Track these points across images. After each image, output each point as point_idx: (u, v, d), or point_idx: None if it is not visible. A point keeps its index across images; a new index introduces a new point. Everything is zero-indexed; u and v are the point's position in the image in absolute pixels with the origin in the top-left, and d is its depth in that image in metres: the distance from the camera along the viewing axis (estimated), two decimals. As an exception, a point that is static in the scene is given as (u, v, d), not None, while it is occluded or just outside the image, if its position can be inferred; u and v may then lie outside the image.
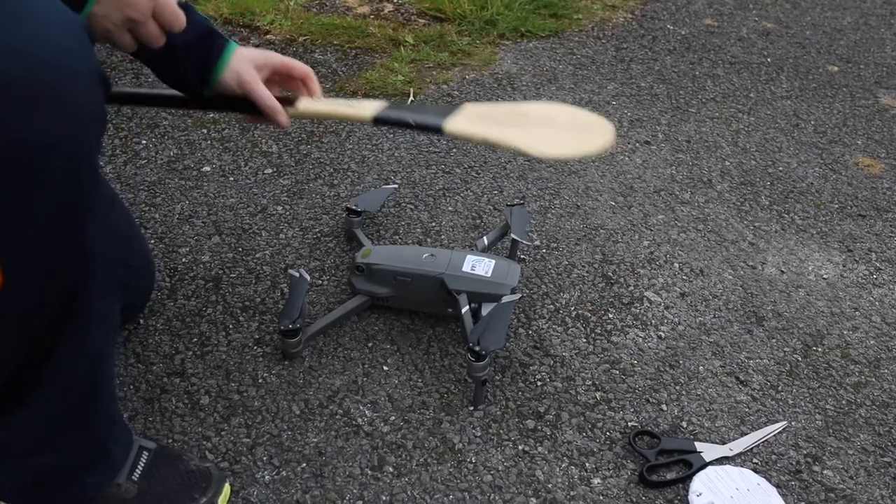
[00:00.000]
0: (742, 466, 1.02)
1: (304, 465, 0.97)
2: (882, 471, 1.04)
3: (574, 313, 1.24)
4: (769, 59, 2.17)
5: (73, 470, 0.80)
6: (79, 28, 0.63)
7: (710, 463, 1.01)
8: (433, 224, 1.40)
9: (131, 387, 1.05)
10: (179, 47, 0.95)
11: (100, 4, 0.75)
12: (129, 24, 0.79)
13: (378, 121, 1.00)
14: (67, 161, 0.61)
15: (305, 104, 1.01)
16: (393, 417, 1.04)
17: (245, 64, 0.99)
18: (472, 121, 0.99)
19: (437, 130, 0.98)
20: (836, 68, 2.15)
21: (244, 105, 0.98)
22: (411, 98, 1.78)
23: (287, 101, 1.01)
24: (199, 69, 0.98)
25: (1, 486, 0.79)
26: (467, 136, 0.97)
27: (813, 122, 1.87)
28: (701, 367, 1.16)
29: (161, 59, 0.97)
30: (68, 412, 0.75)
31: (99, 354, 0.76)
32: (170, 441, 0.98)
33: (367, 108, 1.01)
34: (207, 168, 1.50)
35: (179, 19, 0.83)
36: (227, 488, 0.91)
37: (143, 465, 0.86)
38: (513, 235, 1.23)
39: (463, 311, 1.10)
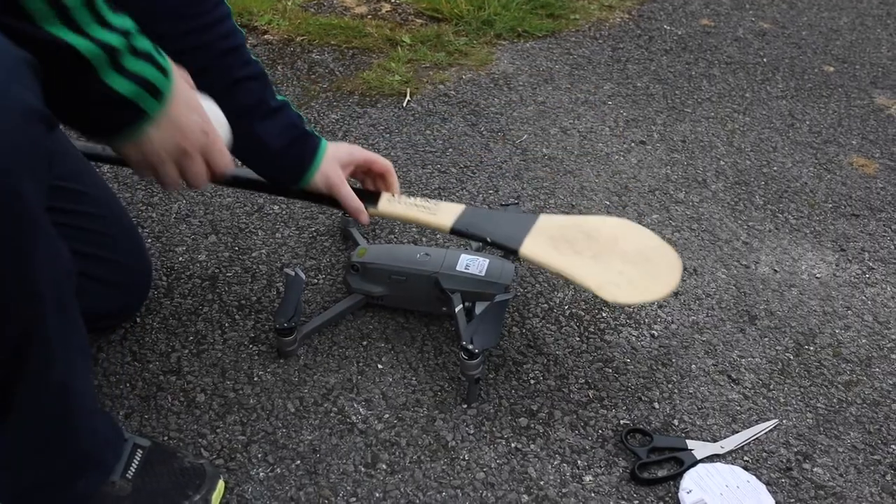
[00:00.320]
0: (733, 464, 1.03)
1: (299, 462, 0.98)
2: (872, 468, 1.05)
3: (568, 312, 1.24)
4: (765, 60, 2.17)
5: (61, 480, 0.80)
6: (9, 60, 0.58)
7: (702, 460, 1.02)
8: (428, 223, 1.41)
9: (127, 384, 1.06)
10: (274, 151, 1.01)
11: (158, 129, 0.73)
12: (179, 156, 0.77)
13: (455, 231, 1.08)
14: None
15: (385, 205, 1.10)
16: (387, 415, 1.05)
17: (333, 165, 1.05)
18: (546, 241, 1.06)
19: (514, 253, 1.07)
20: (831, 68, 2.16)
21: (329, 200, 1.07)
22: (408, 98, 1.79)
23: (370, 196, 1.10)
24: (292, 172, 1.04)
25: None
26: (543, 265, 1.05)
27: (808, 122, 1.88)
28: (693, 366, 1.17)
29: (256, 159, 1.04)
30: (43, 435, 0.75)
31: (67, 379, 0.74)
32: (165, 438, 0.99)
33: (446, 215, 1.09)
34: (204, 167, 1.51)
35: (224, 161, 0.82)
36: (221, 485, 0.91)
37: (137, 462, 0.87)
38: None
39: (457, 309, 1.11)
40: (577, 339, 1.20)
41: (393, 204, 1.10)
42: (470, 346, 1.02)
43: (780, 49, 2.25)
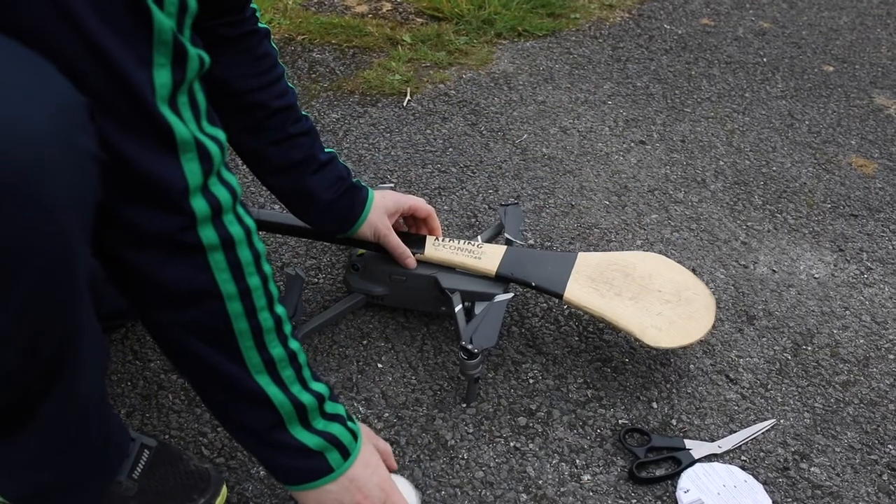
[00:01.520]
0: (730, 464, 1.03)
1: (299, 460, 0.99)
2: (868, 468, 1.05)
3: (567, 312, 1.25)
4: (765, 59, 2.18)
5: (74, 482, 0.81)
6: (61, 101, 0.55)
7: (699, 460, 1.03)
8: (428, 223, 1.42)
9: (129, 383, 1.07)
10: (325, 203, 1.07)
11: (338, 485, 0.79)
12: None
13: (501, 277, 1.13)
14: (44, 263, 0.57)
15: (431, 251, 1.16)
16: (387, 414, 1.06)
17: (381, 215, 1.11)
18: (587, 283, 1.12)
19: (559, 297, 1.11)
20: (831, 68, 2.16)
21: (376, 245, 1.13)
22: (408, 97, 1.80)
23: (416, 240, 1.16)
24: (342, 222, 1.10)
25: (4, 492, 0.80)
26: (586, 309, 1.10)
27: (807, 122, 1.88)
28: (692, 366, 1.18)
29: (307, 210, 1.10)
30: (62, 442, 0.76)
31: (91, 390, 0.76)
32: (166, 437, 1.00)
33: (490, 259, 1.15)
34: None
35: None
36: (224, 490, 0.92)
37: (143, 463, 0.87)
38: (507, 235, 1.25)
39: (456, 309, 1.11)
40: (576, 338, 1.20)
41: (438, 249, 1.16)
42: (469, 346, 1.03)
43: (779, 49, 2.25)
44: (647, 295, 1.12)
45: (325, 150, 1.07)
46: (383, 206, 1.12)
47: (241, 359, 0.71)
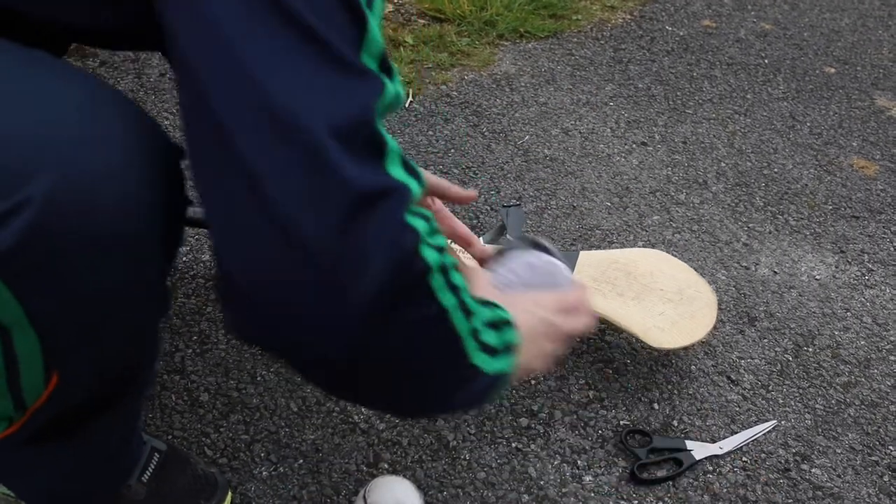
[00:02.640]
0: (732, 464, 1.04)
1: (301, 461, 0.99)
2: (869, 469, 1.06)
3: (568, 313, 1.25)
4: (766, 61, 2.18)
5: (89, 489, 0.82)
6: (120, 117, 0.55)
7: (700, 461, 1.03)
8: (430, 224, 1.42)
9: (132, 384, 1.07)
10: None
11: (522, 355, 0.70)
12: (552, 343, 0.76)
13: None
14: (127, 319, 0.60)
15: None
16: (388, 414, 1.06)
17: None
18: (588, 282, 1.12)
19: None
20: (832, 70, 2.17)
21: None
22: (410, 99, 1.80)
23: None
24: None
25: (19, 492, 0.81)
26: None
27: (809, 124, 1.89)
28: (693, 367, 1.18)
29: None
30: (94, 458, 0.77)
31: (133, 414, 0.77)
32: (169, 437, 1.00)
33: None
34: (208, 168, 1.52)
35: (587, 310, 0.81)
36: (230, 496, 0.92)
37: (153, 466, 0.87)
38: (508, 236, 1.25)
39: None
40: (578, 339, 1.21)
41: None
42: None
43: (781, 50, 2.25)
44: (650, 294, 1.12)
45: None
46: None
47: (465, 356, 0.63)
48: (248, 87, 0.49)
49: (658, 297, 1.12)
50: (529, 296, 0.78)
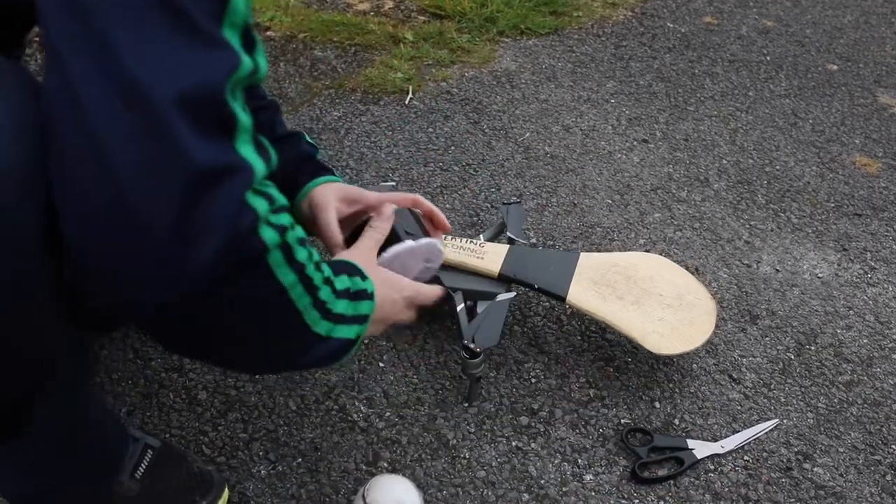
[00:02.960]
0: (734, 464, 1.03)
1: (300, 460, 0.99)
2: (872, 468, 1.05)
3: (569, 311, 1.24)
4: (768, 58, 2.17)
5: (65, 489, 0.81)
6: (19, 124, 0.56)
7: (702, 460, 1.03)
8: (430, 221, 1.41)
9: (129, 382, 1.06)
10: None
11: (369, 329, 0.78)
12: (392, 323, 0.86)
13: (503, 277, 1.12)
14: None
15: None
16: (388, 413, 1.06)
17: (327, 193, 0.95)
18: (590, 286, 1.13)
19: (561, 300, 1.11)
20: (835, 67, 2.16)
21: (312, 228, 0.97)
22: (410, 96, 1.79)
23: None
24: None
25: (5, 492, 0.80)
26: (588, 313, 1.10)
27: (811, 121, 1.88)
28: (694, 365, 1.17)
29: None
30: (57, 446, 0.76)
31: (84, 398, 0.76)
32: (167, 436, 1.00)
33: (493, 259, 1.13)
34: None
35: (432, 294, 0.91)
36: (226, 493, 0.92)
37: (146, 463, 0.87)
38: (509, 234, 1.24)
39: (458, 308, 1.11)
40: (579, 337, 1.20)
41: (442, 248, 1.12)
42: (471, 345, 1.02)
43: (783, 47, 2.24)
44: (649, 299, 1.12)
45: (288, 126, 1.00)
46: (340, 188, 0.96)
47: (306, 327, 0.67)
48: (102, 53, 0.50)
49: (657, 302, 1.12)
50: (396, 278, 0.87)
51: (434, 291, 0.90)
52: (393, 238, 0.93)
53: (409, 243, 0.93)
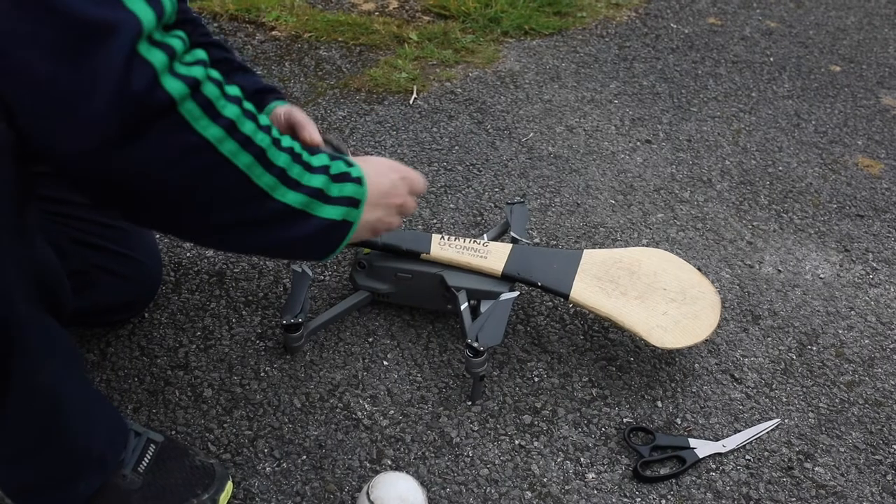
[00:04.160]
0: (735, 462, 1.04)
1: (305, 457, 0.99)
2: (873, 468, 1.05)
3: (572, 310, 1.25)
4: (772, 59, 2.17)
5: (58, 479, 0.82)
6: None
7: (703, 459, 1.03)
8: (434, 221, 1.42)
9: (136, 379, 1.07)
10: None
11: (367, 213, 0.78)
12: (394, 211, 0.86)
13: (507, 276, 1.13)
14: None
15: (437, 250, 1.15)
16: (392, 411, 1.06)
17: (279, 113, 0.99)
18: (593, 283, 1.13)
19: (564, 297, 1.12)
20: (838, 68, 2.16)
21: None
22: (414, 95, 1.80)
23: (422, 240, 1.15)
24: None
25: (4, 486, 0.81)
26: (592, 309, 1.11)
27: (814, 122, 1.88)
28: (696, 365, 1.18)
29: None
30: (34, 435, 0.76)
31: (56, 383, 0.76)
32: (173, 433, 1.00)
33: (496, 258, 1.15)
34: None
35: (422, 184, 0.91)
36: (229, 486, 0.92)
37: (149, 457, 0.88)
38: (512, 233, 1.25)
39: (462, 307, 1.12)
40: (581, 337, 1.21)
41: (444, 248, 1.15)
42: (475, 344, 1.03)
43: (786, 48, 2.24)
44: (653, 294, 1.12)
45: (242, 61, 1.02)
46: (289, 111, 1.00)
47: (259, 190, 0.67)
48: None
49: (661, 296, 1.12)
50: (387, 162, 0.87)
51: (421, 176, 0.91)
52: None
53: None
